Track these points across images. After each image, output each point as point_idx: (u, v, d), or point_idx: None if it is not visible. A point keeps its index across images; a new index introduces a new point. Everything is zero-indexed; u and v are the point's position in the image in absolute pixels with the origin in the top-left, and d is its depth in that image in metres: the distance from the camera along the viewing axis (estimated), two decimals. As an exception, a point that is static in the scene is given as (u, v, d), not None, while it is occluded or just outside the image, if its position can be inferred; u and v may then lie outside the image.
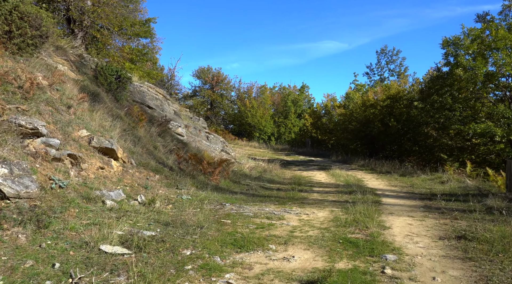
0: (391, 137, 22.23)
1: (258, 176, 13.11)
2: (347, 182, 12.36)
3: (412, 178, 13.70)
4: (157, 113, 13.90)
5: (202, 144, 15.16)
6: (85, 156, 7.32)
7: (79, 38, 22.23)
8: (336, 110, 30.83)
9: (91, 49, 23.66)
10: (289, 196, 9.55)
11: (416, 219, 7.06)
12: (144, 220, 5.93)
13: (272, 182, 12.36)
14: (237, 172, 13.17)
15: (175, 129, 14.08)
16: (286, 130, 41.40)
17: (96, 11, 21.03)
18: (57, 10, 21.52)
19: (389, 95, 23.85)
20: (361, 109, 25.98)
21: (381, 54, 46.53)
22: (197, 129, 15.87)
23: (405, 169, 16.08)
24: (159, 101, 14.47)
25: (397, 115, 22.43)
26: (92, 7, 20.79)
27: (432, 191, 10.64)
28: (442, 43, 16.48)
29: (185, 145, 13.38)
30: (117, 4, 23.58)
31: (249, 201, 8.52)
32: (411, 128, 21.58)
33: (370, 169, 17.17)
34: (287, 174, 15.00)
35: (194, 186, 9.13)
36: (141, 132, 10.90)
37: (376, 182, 12.79)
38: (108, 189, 6.83)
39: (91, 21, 22.00)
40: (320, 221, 6.78)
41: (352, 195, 9.56)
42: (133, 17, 28.05)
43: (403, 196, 9.91)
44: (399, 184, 12.39)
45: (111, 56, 24.34)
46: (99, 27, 22.26)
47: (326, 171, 16.03)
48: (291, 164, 19.40)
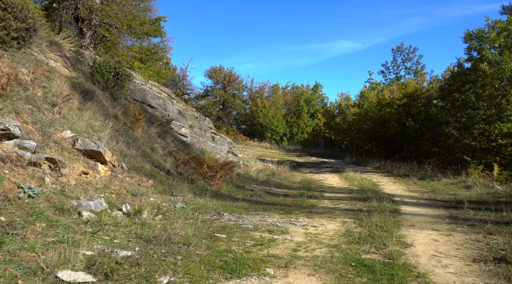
0: (408, 137, 21.07)
1: (265, 179, 12.23)
2: (361, 186, 11.38)
3: (433, 182, 12.63)
4: (158, 113, 13.16)
5: (207, 145, 14.36)
6: (67, 159, 6.56)
7: (87, 37, 21.75)
8: (350, 109, 29.73)
9: (99, 48, 23.18)
10: (297, 203, 8.65)
11: (442, 233, 6.09)
12: (124, 234, 5.12)
13: (280, 186, 11.47)
14: (242, 175, 12.33)
15: (178, 130, 13.32)
16: (298, 130, 40.40)
17: (104, 10, 20.53)
18: (65, 8, 21.11)
19: (406, 94, 22.69)
20: (376, 108, 24.87)
21: (397, 52, 45.16)
22: (203, 129, 15.09)
23: (425, 172, 14.99)
24: (161, 100, 13.73)
25: (414, 114, 21.26)
26: (100, 5, 20.30)
27: (456, 197, 9.60)
28: (464, 36, 15.32)
29: (188, 146, 12.60)
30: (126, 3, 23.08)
31: (251, 210, 7.65)
32: (430, 128, 20.40)
33: (386, 172, 16.12)
34: (297, 177, 14.08)
35: (191, 192, 8.31)
36: (138, 133, 10.15)
37: (393, 187, 11.77)
38: (89, 197, 6.05)
39: (99, 20, 21.54)
40: (329, 235, 5.87)
41: (367, 203, 8.60)
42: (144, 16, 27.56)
43: (425, 204, 8.90)
44: (418, 189, 11.35)
45: (120, 55, 23.83)
46: (108, 26, 21.81)
47: (339, 173, 15.06)
48: (302, 166, 18.47)
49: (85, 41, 21.67)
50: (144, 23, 26.04)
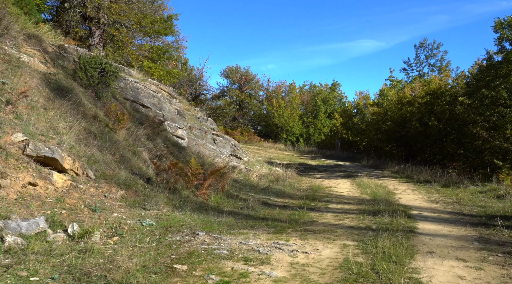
0: (431, 138, 19.35)
1: (265, 186, 10.98)
2: (374, 195, 9.98)
3: (458, 190, 11.10)
4: (152, 113, 12.11)
5: (207, 148, 13.23)
6: (10, 168, 5.52)
7: (96, 37, 21.12)
8: (369, 108, 28.06)
9: (108, 47, 22.52)
10: (294, 217, 7.37)
11: (469, 266, 4.71)
12: (52, 268, 4.00)
13: (281, 195, 10.20)
14: (241, 181, 11.12)
15: (173, 131, 12.24)
16: (315, 131, 38.87)
17: (112, 7, 19.82)
18: (73, 7, 20.52)
19: (429, 91, 20.95)
20: (396, 107, 23.20)
21: (420, 48, 43.00)
22: (203, 131, 13.97)
23: (449, 177, 13.40)
24: (156, 99, 12.68)
25: (438, 113, 19.54)
26: (109, 3, 19.65)
27: (486, 210, 8.11)
28: (494, 25, 13.63)
29: (182, 149, 11.49)
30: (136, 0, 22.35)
31: (236, 227, 6.43)
32: (455, 128, 18.67)
33: (406, 177, 14.59)
34: (304, 183, 12.77)
35: (170, 204, 7.16)
36: (120, 135, 9.08)
37: (412, 196, 10.32)
38: (27, 215, 4.97)
39: (108, 19, 20.87)
40: (321, 267, 4.59)
41: (377, 217, 7.25)
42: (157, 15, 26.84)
43: (448, 219, 7.47)
44: (441, 199, 9.87)
45: (129, 54, 23.08)
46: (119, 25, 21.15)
47: (352, 179, 13.64)
48: (314, 170, 17.11)
49: (94, 40, 21.03)
50: (155, 21, 25.27)
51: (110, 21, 20.56)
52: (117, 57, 22.02)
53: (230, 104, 47.05)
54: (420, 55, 42.92)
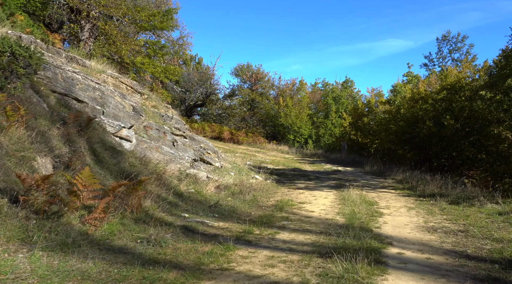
0: (446, 141, 16.40)
1: (214, 202, 8.55)
2: (351, 218, 7.41)
3: (470, 210, 8.38)
4: (89, 109, 9.95)
5: (162, 152, 10.96)
6: None
7: (86, 31, 19.49)
8: (379, 106, 25.14)
9: (97, 42, 20.81)
10: (204, 261, 4.94)
11: None
12: None
13: (227, 216, 7.77)
14: (188, 195, 8.78)
15: (116, 132, 10.06)
16: (326, 132, 36.03)
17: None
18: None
19: (446, 85, 17.96)
20: (409, 104, 20.28)
21: (442, 41, 39.60)
22: (161, 131, 11.71)
23: (462, 190, 10.61)
24: (99, 93, 10.53)
25: (455, 111, 16.57)
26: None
27: (504, 250, 5.45)
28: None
29: (119, 154, 9.25)
30: (126, -10, 20.70)
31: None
32: (475, 128, 15.71)
33: (408, 188, 11.85)
34: (275, 196, 10.28)
35: (21, 238, 4.88)
36: (8, 136, 6.91)
37: (403, 219, 7.67)
38: None
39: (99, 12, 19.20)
40: None
41: (329, 263, 4.75)
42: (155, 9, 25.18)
43: (440, 267, 4.86)
44: (443, 224, 7.20)
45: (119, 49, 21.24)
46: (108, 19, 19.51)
47: (340, 191, 11.04)
48: (303, 177, 14.56)
49: (83, 35, 19.41)
50: (153, 15, 23.40)
51: (100, 14, 18.90)
52: (105, 53, 20.20)
53: (242, 104, 44.98)
54: (442, 49, 39.51)
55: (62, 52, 12.81)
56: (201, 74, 44.31)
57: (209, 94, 44.09)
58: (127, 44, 21.04)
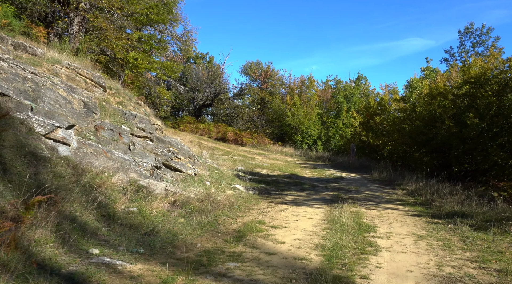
0: (469, 143, 13.83)
1: (152, 228, 6.40)
2: (330, 258, 5.14)
3: (504, 240, 5.98)
4: (13, 104, 7.95)
5: (112, 157, 8.89)
6: None
7: (75, 24, 17.92)
8: (393, 104, 22.56)
9: (86, 36, 19.09)
10: None
11: None
12: None
13: (158, 251, 5.59)
14: (125, 216, 6.66)
15: (47, 133, 8.03)
16: (337, 132, 33.48)
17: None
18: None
19: (469, 79, 15.36)
20: (425, 101, 17.74)
21: (465, 34, 36.56)
22: (116, 132, 9.65)
23: (490, 207, 8.17)
24: (31, 84, 8.55)
25: (481, 108, 13.98)
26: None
27: None
28: None
29: (43, 161, 7.20)
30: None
31: None
32: (505, 128, 13.12)
33: (420, 204, 9.43)
34: (244, 216, 8.03)
35: None
36: None
37: (408, 257, 5.35)
38: None
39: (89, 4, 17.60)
40: None
41: None
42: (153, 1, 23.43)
43: None
44: (465, 270, 4.85)
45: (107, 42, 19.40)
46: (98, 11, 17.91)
47: (333, 207, 8.74)
48: (296, 186, 12.26)
49: (72, 28, 17.84)
50: (151, 8, 21.60)
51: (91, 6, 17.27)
52: (94, 47, 18.39)
53: (252, 103, 43.01)
54: (465, 43, 36.47)
55: (7, 39, 10.94)
56: (209, 73, 42.47)
57: (218, 94, 42.20)
58: (119, 39, 19.19)
